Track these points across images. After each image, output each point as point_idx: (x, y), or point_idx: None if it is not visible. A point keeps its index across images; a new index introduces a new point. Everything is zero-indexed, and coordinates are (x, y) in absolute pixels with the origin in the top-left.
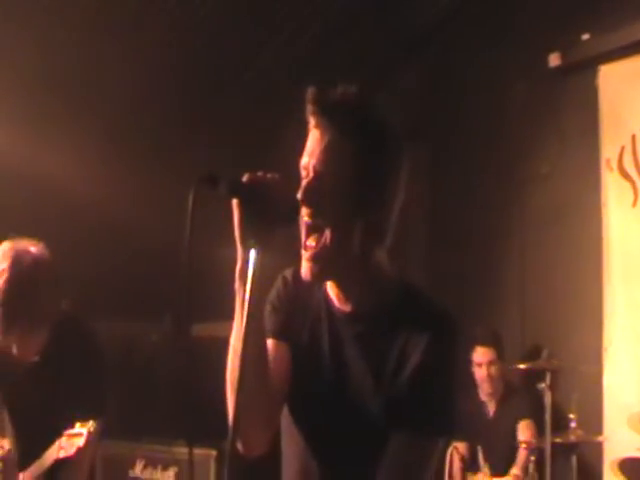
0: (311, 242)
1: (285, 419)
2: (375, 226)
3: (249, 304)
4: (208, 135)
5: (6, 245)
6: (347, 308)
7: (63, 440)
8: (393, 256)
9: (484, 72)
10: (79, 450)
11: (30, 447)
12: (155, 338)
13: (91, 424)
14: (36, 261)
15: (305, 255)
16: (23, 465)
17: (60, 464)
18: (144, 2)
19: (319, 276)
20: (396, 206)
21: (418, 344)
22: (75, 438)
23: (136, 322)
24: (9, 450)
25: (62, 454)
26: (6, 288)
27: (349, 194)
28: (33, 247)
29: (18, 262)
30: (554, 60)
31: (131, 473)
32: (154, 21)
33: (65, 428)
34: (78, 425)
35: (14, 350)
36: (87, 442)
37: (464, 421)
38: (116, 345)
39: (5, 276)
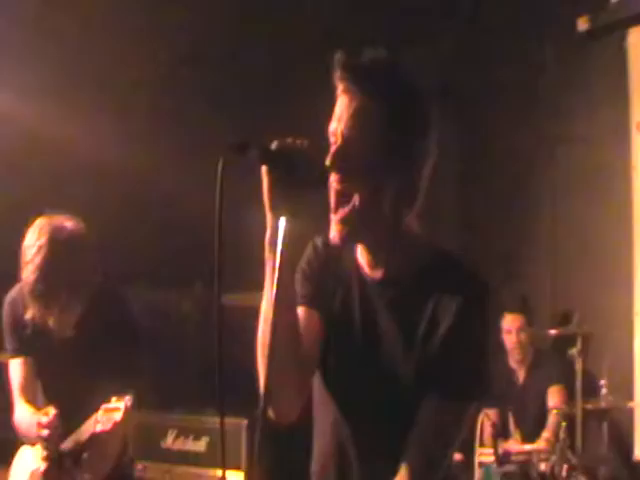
0: (339, 205)
1: (317, 387)
2: (405, 190)
3: (279, 272)
4: (237, 103)
5: (42, 221)
6: (378, 274)
7: (100, 414)
8: (425, 220)
9: (514, 37)
10: (116, 424)
11: (65, 421)
12: (186, 307)
13: (128, 398)
14: (73, 236)
15: (334, 218)
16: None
17: (96, 437)
18: None
19: (348, 239)
20: (426, 170)
21: (449, 308)
22: (112, 412)
23: (167, 291)
24: (55, 415)
25: (99, 428)
26: (45, 264)
27: (378, 159)
28: (68, 222)
29: (55, 238)
30: (582, 24)
31: (163, 444)
32: None
33: (100, 402)
34: (114, 399)
35: (50, 324)
36: (124, 416)
37: (494, 388)
38: (147, 314)
39: (43, 252)
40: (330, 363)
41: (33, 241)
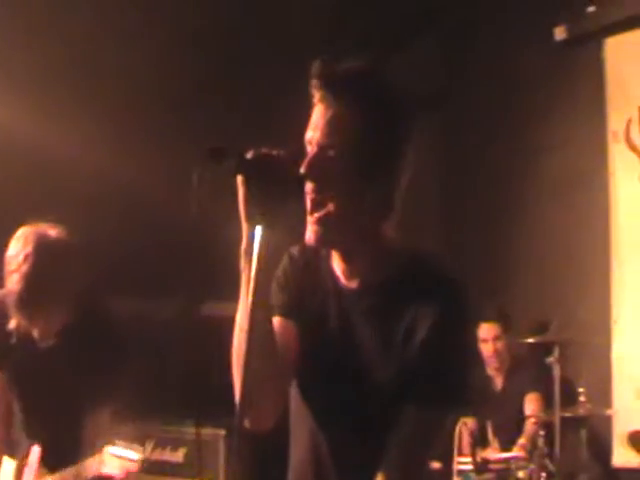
0: (315, 211)
1: (294, 396)
2: (382, 199)
3: (255, 281)
4: (217, 110)
5: (26, 230)
6: (354, 284)
7: (107, 456)
8: (402, 229)
9: (493, 47)
10: (128, 474)
11: (46, 435)
12: (165, 317)
13: (142, 449)
14: (58, 244)
15: (310, 219)
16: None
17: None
18: None
19: (323, 240)
20: (404, 179)
21: (426, 315)
22: (126, 462)
23: (146, 301)
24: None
25: (107, 471)
26: (31, 272)
27: (354, 167)
28: (53, 230)
29: (41, 246)
30: (560, 33)
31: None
32: None
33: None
34: (125, 448)
35: (34, 333)
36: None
37: (472, 396)
38: (128, 323)
39: (30, 261)
40: (306, 373)
41: (18, 250)
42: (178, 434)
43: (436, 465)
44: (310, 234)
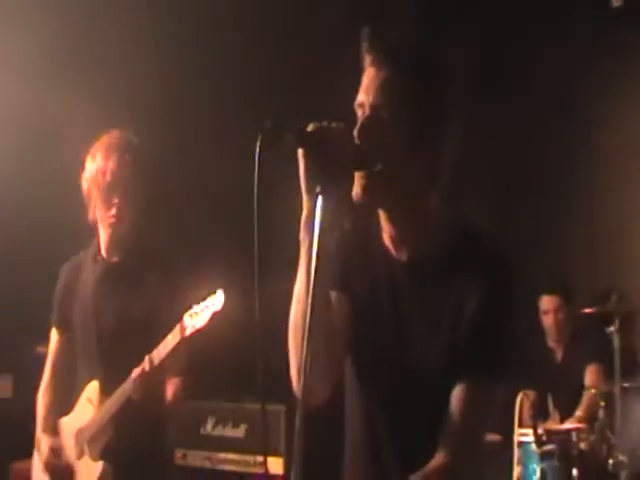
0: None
1: (347, 373)
2: (430, 164)
3: (317, 253)
4: (271, 85)
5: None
6: (403, 256)
7: (186, 320)
8: (454, 199)
9: (546, 15)
10: (216, 315)
11: (105, 371)
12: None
13: (220, 291)
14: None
15: (358, 175)
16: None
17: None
18: None
19: (371, 194)
20: (451, 147)
21: (476, 290)
22: (204, 309)
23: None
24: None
25: (190, 330)
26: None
27: (405, 130)
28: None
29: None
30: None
31: (202, 430)
32: None
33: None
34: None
35: (103, 248)
36: (222, 309)
37: (533, 368)
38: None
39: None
40: (359, 348)
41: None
42: (239, 410)
43: (497, 437)
44: (358, 189)
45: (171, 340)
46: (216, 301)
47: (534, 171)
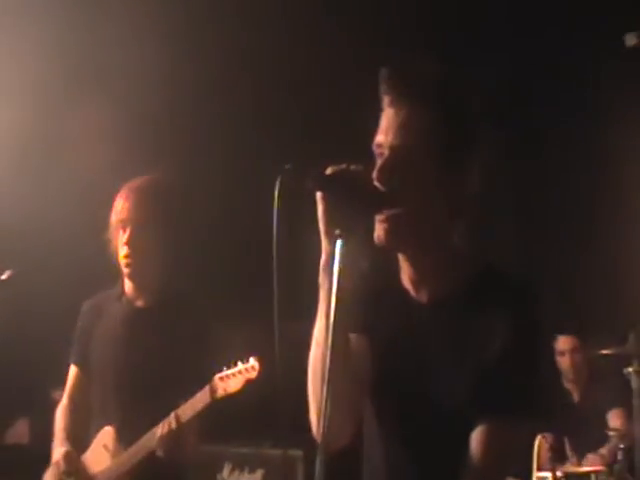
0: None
1: (367, 415)
2: (454, 204)
3: (336, 297)
4: (291, 127)
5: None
6: (424, 298)
7: (215, 382)
8: (474, 237)
9: (562, 55)
10: (249, 382)
11: (121, 415)
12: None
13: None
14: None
15: (379, 218)
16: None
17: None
18: None
19: (393, 238)
20: (474, 185)
21: (500, 328)
22: (239, 374)
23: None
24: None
25: (220, 394)
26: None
27: (426, 170)
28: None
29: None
30: (631, 39)
31: (219, 476)
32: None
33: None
34: (239, 363)
35: (127, 290)
36: (257, 377)
37: (550, 410)
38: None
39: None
40: (379, 390)
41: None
42: (256, 456)
43: None
44: (380, 232)
45: (199, 400)
46: (250, 368)
47: (551, 206)
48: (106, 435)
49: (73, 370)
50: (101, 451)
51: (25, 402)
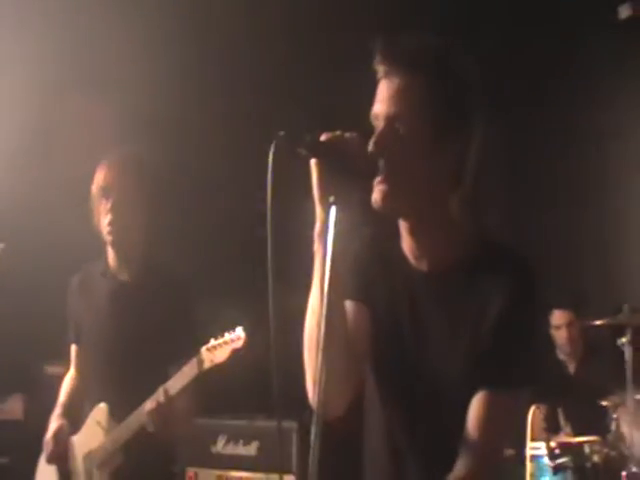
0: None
1: (367, 383)
2: (449, 171)
3: (331, 262)
4: (285, 98)
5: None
6: (424, 266)
7: (203, 353)
8: (471, 209)
9: (557, 29)
10: (236, 352)
11: (113, 393)
12: (235, 312)
13: (241, 328)
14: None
15: (377, 180)
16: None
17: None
18: None
19: (390, 200)
20: (471, 153)
21: (497, 297)
22: (226, 344)
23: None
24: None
25: (208, 365)
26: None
27: (421, 140)
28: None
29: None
30: (624, 11)
31: (213, 449)
32: None
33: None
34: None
35: (111, 263)
36: (244, 346)
37: (544, 382)
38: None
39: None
40: (378, 358)
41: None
42: (250, 428)
43: (509, 451)
44: (377, 195)
45: (187, 372)
46: (236, 338)
47: (544, 184)
48: (99, 412)
49: (74, 349)
50: (95, 428)
51: (19, 378)
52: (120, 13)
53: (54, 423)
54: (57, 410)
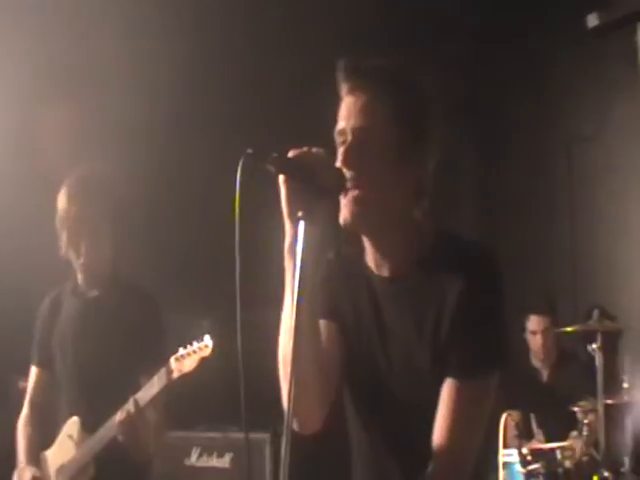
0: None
1: (344, 395)
2: (413, 182)
3: (300, 278)
4: (255, 116)
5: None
6: (385, 272)
7: (172, 363)
8: (435, 216)
9: (525, 37)
10: (204, 360)
11: (86, 406)
12: (206, 324)
13: (208, 337)
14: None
15: (345, 200)
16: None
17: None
18: None
19: (358, 218)
20: (432, 164)
21: (454, 290)
22: (193, 354)
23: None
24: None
25: (177, 374)
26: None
27: (387, 153)
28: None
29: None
30: (592, 20)
31: (187, 462)
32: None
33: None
34: (189, 345)
35: (80, 282)
36: (211, 355)
37: (517, 388)
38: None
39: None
40: (351, 372)
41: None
42: (224, 440)
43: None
44: (345, 212)
45: (157, 383)
46: (204, 346)
47: (514, 190)
48: (72, 426)
49: (34, 371)
50: (67, 442)
51: None
52: (109, 27)
53: (27, 475)
54: (22, 461)
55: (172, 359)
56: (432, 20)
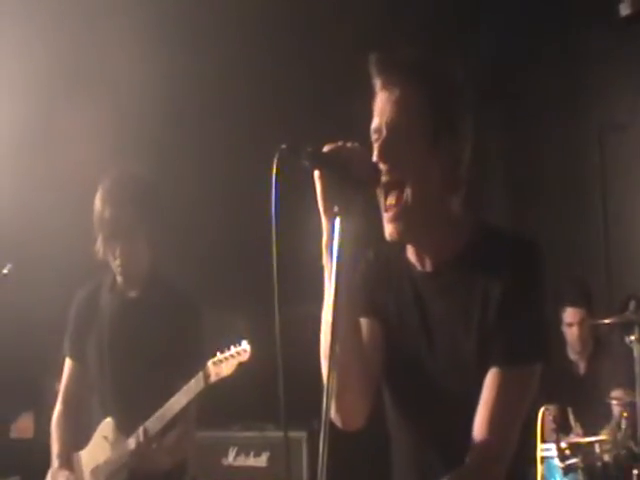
0: (391, 201)
1: (387, 395)
2: (450, 175)
3: (338, 272)
4: (286, 116)
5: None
6: (428, 267)
7: (209, 367)
8: (470, 206)
9: (557, 26)
10: (241, 365)
11: (121, 408)
12: (242, 324)
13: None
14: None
15: (387, 216)
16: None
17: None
18: None
19: (404, 234)
20: (467, 154)
21: (498, 279)
22: (230, 358)
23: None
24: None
25: (214, 379)
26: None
27: (423, 145)
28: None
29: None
30: (625, 9)
31: (224, 461)
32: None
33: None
34: (227, 350)
35: (119, 281)
36: (249, 360)
37: (554, 382)
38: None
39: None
40: (395, 369)
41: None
42: (260, 439)
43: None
44: (391, 231)
45: (194, 386)
46: (242, 351)
47: (546, 179)
48: (106, 426)
49: (68, 364)
50: (102, 442)
51: (29, 396)
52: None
53: (63, 475)
54: (55, 463)
55: (209, 363)
56: (461, 8)
